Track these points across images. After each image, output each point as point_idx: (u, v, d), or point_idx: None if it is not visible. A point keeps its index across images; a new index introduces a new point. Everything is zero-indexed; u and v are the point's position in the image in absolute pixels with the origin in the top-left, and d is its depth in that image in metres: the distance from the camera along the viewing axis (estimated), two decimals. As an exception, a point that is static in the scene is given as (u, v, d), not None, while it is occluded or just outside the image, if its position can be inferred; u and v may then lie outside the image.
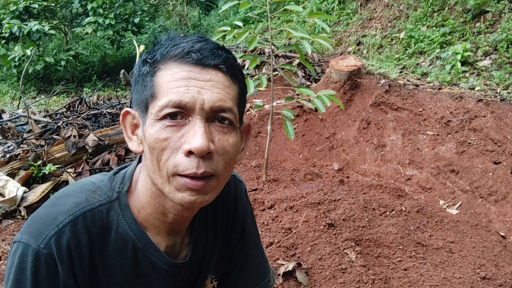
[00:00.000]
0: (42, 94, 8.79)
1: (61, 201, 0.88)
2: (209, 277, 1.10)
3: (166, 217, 0.92)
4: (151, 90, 0.82)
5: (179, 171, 0.80)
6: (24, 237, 0.83)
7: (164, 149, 0.80)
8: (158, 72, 0.83)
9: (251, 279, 1.17)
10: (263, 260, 1.22)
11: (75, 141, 3.90)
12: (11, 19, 8.39)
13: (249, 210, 1.18)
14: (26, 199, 3.31)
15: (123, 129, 0.92)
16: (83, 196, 0.89)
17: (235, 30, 2.78)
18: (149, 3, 10.79)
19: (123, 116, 0.91)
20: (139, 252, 0.91)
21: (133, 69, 0.90)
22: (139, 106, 0.86)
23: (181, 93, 0.79)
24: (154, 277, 0.95)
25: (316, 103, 2.90)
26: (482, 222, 3.14)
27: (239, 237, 1.14)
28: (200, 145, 0.78)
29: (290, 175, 3.54)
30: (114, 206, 0.90)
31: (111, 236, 0.89)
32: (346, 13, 7.36)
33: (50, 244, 0.81)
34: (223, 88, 0.83)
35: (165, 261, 0.94)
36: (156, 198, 0.89)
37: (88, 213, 0.87)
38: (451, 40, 5.56)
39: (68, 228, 0.83)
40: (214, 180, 0.84)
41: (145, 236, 0.92)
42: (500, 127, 3.90)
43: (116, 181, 0.94)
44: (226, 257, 1.14)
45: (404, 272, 2.33)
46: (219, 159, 0.83)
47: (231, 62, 0.86)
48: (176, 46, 0.83)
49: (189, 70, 0.81)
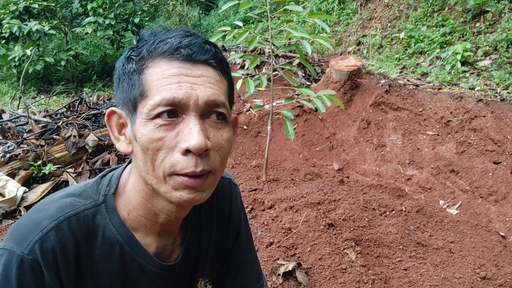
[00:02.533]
0: (42, 94, 8.79)
1: (45, 207, 0.86)
2: (203, 280, 1.08)
3: (157, 218, 0.90)
4: (140, 88, 0.80)
5: (177, 170, 0.78)
6: (8, 244, 0.80)
7: (159, 149, 0.78)
8: (146, 70, 0.80)
9: (246, 283, 1.16)
10: (256, 264, 1.21)
11: (75, 141, 3.90)
12: (11, 19, 8.38)
13: (243, 214, 1.17)
14: (26, 199, 3.31)
15: (109, 129, 0.88)
16: (67, 201, 0.87)
17: (235, 30, 2.78)
18: (149, 3, 10.79)
19: (108, 116, 0.87)
20: (127, 256, 0.89)
21: (115, 66, 0.87)
22: (126, 105, 0.83)
23: (173, 90, 0.77)
24: (143, 281, 0.93)
25: (316, 103, 2.90)
26: (482, 222, 3.14)
27: (234, 241, 1.14)
28: (198, 143, 0.76)
29: (290, 175, 3.54)
30: (101, 209, 0.88)
31: (97, 240, 0.87)
32: (346, 13, 7.36)
33: (34, 250, 0.79)
34: (215, 83, 0.82)
35: (154, 264, 0.92)
36: (149, 198, 0.87)
37: (73, 218, 0.84)
38: (451, 40, 5.56)
39: (52, 233, 0.81)
40: (211, 176, 0.83)
41: (133, 239, 0.90)
42: (500, 127, 3.90)
43: (103, 184, 0.92)
44: (221, 261, 1.13)
45: (404, 272, 2.33)
46: (215, 155, 0.82)
47: (220, 57, 0.84)
48: (163, 42, 0.80)
49: (180, 66, 0.79)
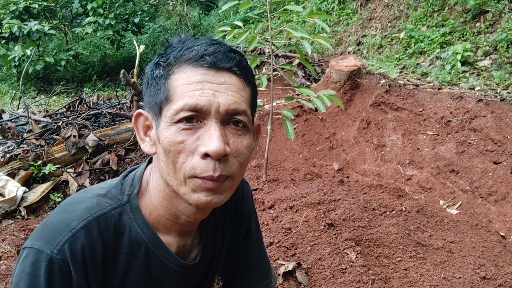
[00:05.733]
0: (42, 94, 8.79)
1: (72, 207, 0.88)
2: (216, 278, 1.10)
3: (178, 219, 0.92)
4: (166, 93, 0.83)
5: (197, 173, 0.80)
6: (36, 243, 0.82)
7: (180, 152, 0.81)
8: (172, 76, 0.83)
9: (254, 280, 1.18)
10: (265, 261, 1.23)
11: (75, 141, 3.90)
12: (11, 19, 8.38)
13: (253, 211, 1.19)
14: (26, 199, 3.32)
15: (136, 130, 0.92)
16: (94, 201, 0.89)
17: (235, 30, 2.78)
18: (149, 3, 10.78)
19: (135, 118, 0.91)
20: (151, 255, 0.92)
21: (144, 71, 0.91)
22: (152, 109, 0.86)
23: (196, 97, 0.79)
24: (165, 279, 0.95)
25: (316, 103, 2.90)
26: (482, 222, 3.14)
27: (243, 238, 1.15)
28: (217, 148, 0.78)
29: (290, 175, 3.54)
30: (126, 209, 0.91)
31: (124, 239, 0.89)
32: (346, 13, 7.36)
33: (63, 250, 0.81)
34: (237, 91, 0.83)
35: (176, 263, 0.95)
36: (169, 199, 0.89)
37: (101, 218, 0.87)
38: (451, 40, 5.56)
39: (82, 233, 0.83)
40: (229, 180, 0.85)
41: (157, 239, 0.92)
42: (500, 127, 3.90)
43: (126, 184, 0.94)
44: (232, 258, 1.15)
45: (404, 272, 2.34)
46: (233, 161, 0.84)
47: (244, 65, 0.86)
48: (189, 49, 0.83)
49: (204, 73, 0.81)
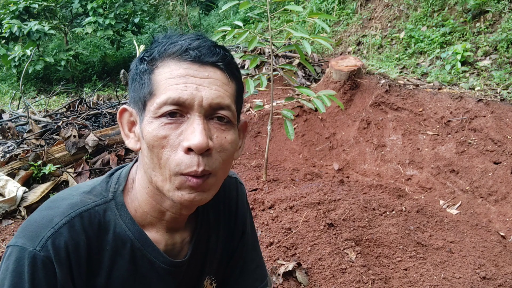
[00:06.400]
0: (42, 94, 8.79)
1: (56, 204, 0.88)
2: (209, 278, 1.09)
3: (163, 215, 0.91)
4: (149, 87, 0.82)
5: (181, 169, 0.80)
6: (20, 241, 0.81)
7: (164, 147, 0.80)
8: (156, 70, 0.83)
9: (249, 282, 1.17)
10: (260, 263, 1.22)
11: (75, 141, 3.90)
12: (11, 19, 8.38)
13: (248, 213, 1.18)
14: (26, 199, 3.31)
15: (120, 126, 0.91)
16: (78, 198, 0.88)
17: (235, 30, 2.78)
18: (149, 3, 10.79)
19: (120, 114, 0.90)
20: (137, 252, 0.91)
21: (130, 67, 0.91)
22: (136, 104, 0.86)
23: (179, 90, 0.79)
24: (152, 277, 0.94)
25: (316, 103, 2.90)
26: (482, 222, 3.14)
27: (239, 240, 1.14)
28: (199, 142, 0.78)
29: (290, 175, 3.54)
30: (111, 206, 0.90)
31: (108, 236, 0.88)
32: (346, 13, 7.36)
33: (46, 246, 0.80)
34: (221, 86, 0.83)
35: (164, 260, 0.93)
36: (153, 196, 0.89)
37: (84, 214, 0.86)
38: (451, 40, 5.56)
39: (65, 229, 0.82)
40: (212, 177, 0.84)
41: (144, 236, 0.91)
42: (500, 127, 3.90)
43: (112, 182, 0.93)
44: (227, 260, 1.14)
45: (404, 272, 2.33)
46: (217, 156, 0.83)
47: (229, 60, 0.86)
48: (173, 44, 0.83)
49: (187, 67, 0.81)
